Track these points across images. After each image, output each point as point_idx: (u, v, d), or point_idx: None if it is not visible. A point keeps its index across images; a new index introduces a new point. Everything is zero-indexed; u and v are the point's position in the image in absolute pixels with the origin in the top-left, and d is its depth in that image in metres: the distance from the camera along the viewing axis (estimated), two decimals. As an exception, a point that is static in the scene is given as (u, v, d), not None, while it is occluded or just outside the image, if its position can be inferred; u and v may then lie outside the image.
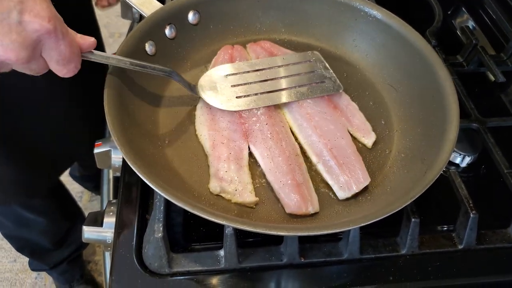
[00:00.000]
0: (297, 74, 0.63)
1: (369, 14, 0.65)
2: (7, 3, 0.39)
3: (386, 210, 0.44)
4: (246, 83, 0.61)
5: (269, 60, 0.64)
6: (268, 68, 0.62)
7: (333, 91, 0.61)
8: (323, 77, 0.62)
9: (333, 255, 0.51)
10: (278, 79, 0.62)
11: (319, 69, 0.63)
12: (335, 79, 0.62)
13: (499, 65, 0.74)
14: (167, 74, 0.56)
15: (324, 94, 0.61)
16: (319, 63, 0.64)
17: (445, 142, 0.50)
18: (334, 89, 0.61)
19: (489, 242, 0.54)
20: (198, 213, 0.42)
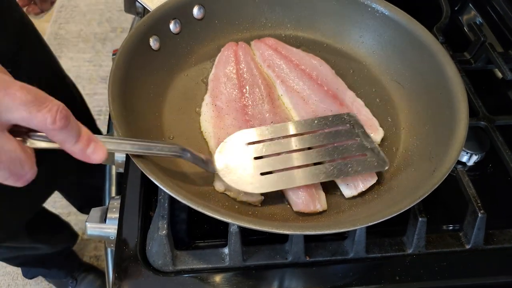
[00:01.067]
0: (332, 143, 0.52)
1: (376, 9, 0.64)
2: None
3: (393, 209, 0.43)
4: (271, 154, 0.51)
5: (298, 123, 0.54)
6: (297, 135, 0.53)
7: (377, 168, 0.51)
8: (364, 148, 0.52)
9: (339, 254, 0.51)
10: (310, 150, 0.52)
11: (357, 136, 0.53)
12: (379, 151, 0.52)
13: (508, 62, 0.73)
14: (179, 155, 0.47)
15: (367, 171, 0.51)
16: (357, 128, 0.54)
17: (454, 141, 0.49)
18: (378, 165, 0.51)
19: (497, 242, 0.53)
20: (203, 211, 0.42)
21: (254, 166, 0.50)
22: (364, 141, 0.53)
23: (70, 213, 1.61)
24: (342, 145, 0.52)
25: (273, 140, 0.52)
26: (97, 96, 2.03)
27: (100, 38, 2.32)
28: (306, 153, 0.52)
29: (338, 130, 0.54)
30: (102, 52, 2.25)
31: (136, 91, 0.56)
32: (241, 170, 0.49)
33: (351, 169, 0.50)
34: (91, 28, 2.36)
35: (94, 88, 2.07)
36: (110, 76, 0.53)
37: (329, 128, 0.54)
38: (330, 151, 0.52)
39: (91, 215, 0.60)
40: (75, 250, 1.41)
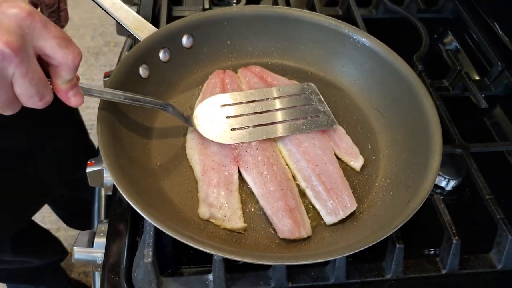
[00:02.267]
0: (292, 106, 0.63)
1: (358, 40, 0.67)
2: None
3: (370, 239, 0.45)
4: (241, 114, 0.61)
5: (264, 91, 0.64)
6: (263, 100, 0.63)
7: (326, 127, 0.62)
8: (317, 111, 0.63)
9: (320, 280, 0.53)
10: (273, 112, 0.62)
11: (314, 102, 0.64)
12: (330, 114, 0.63)
13: (483, 90, 0.76)
14: (163, 108, 0.57)
15: (318, 129, 0.61)
16: (314, 95, 0.64)
17: (428, 171, 0.51)
18: (328, 124, 0.62)
19: (472, 267, 0.55)
20: (187, 242, 0.43)
21: (226, 123, 0.60)
22: (318, 106, 0.63)
23: (59, 228, 1.60)
24: (300, 108, 0.63)
25: (243, 103, 0.62)
26: (89, 110, 2.03)
27: (93, 52, 2.34)
28: (269, 114, 0.62)
29: (297, 97, 0.64)
30: (95, 66, 2.26)
31: (125, 119, 0.58)
32: (216, 126, 0.59)
33: (305, 127, 0.61)
34: (84, 42, 2.38)
35: (86, 102, 2.04)
36: (99, 105, 0.55)
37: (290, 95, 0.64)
38: (289, 113, 0.62)
39: (78, 239, 0.61)
40: (63, 266, 1.41)
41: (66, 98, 0.45)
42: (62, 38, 0.41)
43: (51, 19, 0.92)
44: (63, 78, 0.43)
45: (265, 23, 0.70)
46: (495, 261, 0.55)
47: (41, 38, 0.39)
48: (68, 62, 0.41)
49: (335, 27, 0.68)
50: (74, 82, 0.45)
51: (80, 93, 0.46)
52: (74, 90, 0.45)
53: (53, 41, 0.40)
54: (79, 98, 0.46)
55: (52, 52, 0.40)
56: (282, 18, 0.70)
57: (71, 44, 0.41)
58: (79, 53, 0.42)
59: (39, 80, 0.41)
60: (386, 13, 0.88)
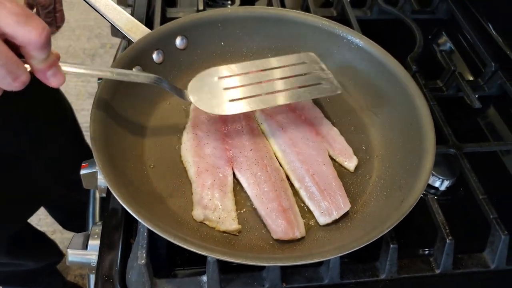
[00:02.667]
0: (292, 75, 0.60)
1: (352, 41, 0.67)
2: None
3: (363, 239, 0.45)
4: (240, 85, 0.58)
5: (263, 62, 0.62)
6: (262, 70, 0.60)
7: (331, 93, 0.60)
8: (320, 78, 0.60)
9: (314, 280, 0.53)
10: (273, 81, 0.59)
11: (315, 70, 0.61)
12: (333, 80, 0.61)
13: (476, 90, 0.76)
14: (155, 82, 0.54)
15: (322, 95, 0.60)
16: (315, 64, 0.62)
17: (422, 171, 0.52)
18: (332, 90, 0.59)
19: (465, 267, 0.55)
20: (180, 244, 0.43)
21: (224, 95, 0.57)
22: (320, 73, 0.61)
23: (55, 231, 1.60)
24: (301, 76, 0.60)
25: (242, 74, 0.59)
26: (84, 112, 2.03)
27: (89, 54, 2.33)
28: (269, 83, 0.59)
29: (298, 65, 0.62)
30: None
31: (118, 120, 0.58)
32: (213, 98, 0.57)
33: (309, 93, 0.59)
34: (80, 44, 2.37)
35: (82, 104, 2.07)
36: (92, 107, 0.55)
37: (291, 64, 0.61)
38: (290, 81, 0.60)
39: (73, 241, 0.61)
40: (59, 269, 1.41)
41: (45, 78, 0.42)
42: (20, 14, 0.36)
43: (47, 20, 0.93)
44: (36, 57, 0.40)
45: (259, 24, 0.70)
46: (488, 260, 0.56)
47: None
48: (32, 39, 0.37)
49: (329, 28, 0.68)
50: (51, 61, 0.41)
51: (61, 72, 0.43)
52: (52, 70, 0.42)
53: (10, 19, 0.36)
54: (59, 78, 0.43)
55: (11, 30, 0.37)
56: (276, 19, 0.70)
57: (32, 19, 0.37)
58: (43, 27, 0.38)
59: (7, 59, 0.37)
60: (380, 14, 0.89)
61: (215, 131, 0.61)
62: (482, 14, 0.86)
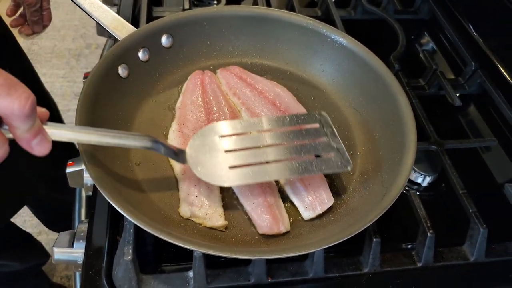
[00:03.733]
0: (301, 141, 0.54)
1: (335, 40, 0.68)
2: None
3: (345, 233, 0.46)
4: (242, 148, 0.53)
5: (271, 119, 0.56)
6: (268, 130, 0.55)
7: (340, 169, 0.53)
8: (330, 148, 0.54)
9: (299, 274, 0.53)
10: (279, 146, 0.54)
11: (326, 136, 0.55)
12: (344, 152, 0.54)
13: (457, 89, 0.78)
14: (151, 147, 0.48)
15: (330, 171, 0.54)
16: (327, 128, 0.56)
17: (403, 167, 0.53)
18: (341, 165, 0.53)
19: (446, 260, 0.56)
20: (165, 238, 0.44)
21: (224, 159, 0.51)
22: (331, 141, 0.55)
23: (40, 232, 1.59)
24: (310, 144, 0.54)
25: (245, 134, 0.54)
26: (70, 112, 2.01)
27: (75, 54, 2.31)
28: (275, 149, 0.53)
29: (308, 129, 0.56)
30: (76, 68, 2.24)
31: (104, 118, 0.58)
32: (210, 163, 0.51)
33: (316, 168, 0.53)
34: (65, 44, 2.35)
35: (68, 105, 2.06)
36: (77, 104, 0.55)
37: (300, 126, 0.56)
38: (298, 149, 0.54)
39: (58, 239, 0.61)
40: (45, 270, 1.39)
41: (29, 148, 0.38)
42: (2, 84, 0.33)
43: (33, 19, 0.92)
44: (20, 128, 0.36)
45: (245, 23, 0.71)
46: (468, 253, 0.57)
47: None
48: (14, 111, 0.34)
49: (313, 27, 0.69)
50: (36, 129, 0.38)
51: (47, 139, 0.39)
52: (38, 138, 0.38)
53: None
54: (44, 146, 0.39)
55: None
56: (261, 18, 0.71)
57: (14, 89, 0.34)
58: (27, 97, 0.34)
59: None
60: (364, 14, 0.90)
61: (201, 128, 0.61)
62: (463, 15, 0.88)
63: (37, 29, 0.93)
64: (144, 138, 0.48)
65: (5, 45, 0.92)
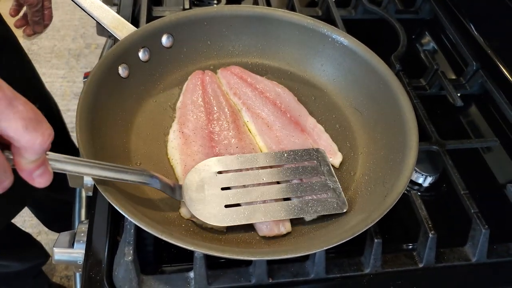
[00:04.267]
0: (298, 180, 0.55)
1: (336, 40, 0.68)
2: None
3: (348, 233, 0.46)
4: (238, 186, 0.53)
5: (268, 156, 0.57)
6: (265, 168, 0.56)
7: (335, 210, 0.53)
8: (327, 187, 0.55)
9: (300, 275, 0.53)
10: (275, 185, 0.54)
11: (323, 174, 0.56)
12: (340, 192, 0.54)
13: (458, 89, 0.78)
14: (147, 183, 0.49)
15: (326, 212, 0.53)
16: (324, 166, 0.57)
17: (405, 167, 0.53)
18: (337, 207, 0.53)
19: (447, 260, 0.56)
20: (166, 239, 0.43)
21: (219, 196, 0.52)
22: (328, 180, 0.56)
23: (40, 232, 1.58)
24: (306, 183, 0.55)
25: (242, 171, 0.55)
26: (70, 112, 2.01)
27: (74, 54, 2.31)
28: (271, 187, 0.54)
29: (305, 166, 0.57)
30: (76, 68, 2.24)
31: (104, 118, 0.58)
32: (206, 201, 0.52)
33: (312, 209, 0.53)
34: (65, 44, 2.35)
35: (68, 105, 2.05)
36: (78, 105, 0.55)
37: (297, 163, 0.57)
38: (294, 188, 0.54)
39: (59, 240, 0.60)
40: (44, 270, 1.39)
41: (30, 179, 0.38)
42: (30, 119, 0.34)
43: (35, 19, 0.92)
44: (27, 159, 0.36)
45: (245, 23, 0.71)
46: (469, 254, 0.57)
47: (3, 119, 0.33)
48: (34, 146, 0.35)
49: (314, 26, 0.69)
50: (41, 161, 0.37)
51: (49, 171, 0.39)
52: (41, 169, 0.38)
53: (19, 123, 0.33)
54: (46, 178, 0.38)
55: (16, 135, 0.34)
56: (261, 18, 0.70)
57: (40, 125, 0.34)
58: (49, 134, 0.35)
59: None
60: (365, 14, 0.90)
61: (201, 128, 0.61)
62: (464, 15, 0.88)
63: (38, 29, 0.93)
64: (142, 174, 0.48)
65: (8, 46, 0.92)
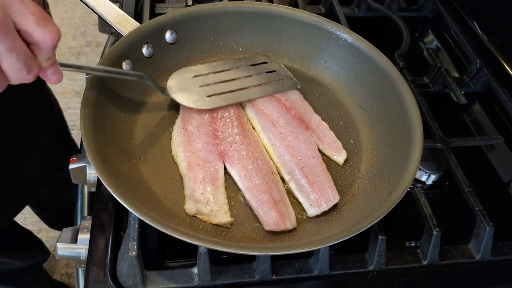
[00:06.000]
0: (258, 73, 0.67)
1: (340, 37, 0.68)
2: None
3: (352, 229, 0.46)
4: (214, 82, 0.64)
5: (230, 62, 0.68)
6: (231, 69, 0.67)
7: (292, 88, 0.67)
8: (281, 75, 0.68)
9: (304, 272, 0.53)
10: (242, 78, 0.66)
11: (276, 69, 0.68)
12: (292, 77, 0.68)
13: (462, 86, 0.78)
14: (139, 78, 0.58)
15: (284, 90, 0.66)
16: (275, 63, 0.69)
17: (410, 164, 0.53)
18: (292, 85, 0.67)
19: (451, 258, 0.56)
20: (171, 234, 0.43)
21: (201, 91, 0.63)
22: (281, 71, 0.68)
23: (40, 229, 1.58)
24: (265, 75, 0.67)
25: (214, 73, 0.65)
26: (70, 110, 2.01)
27: (75, 52, 2.31)
28: (239, 80, 0.66)
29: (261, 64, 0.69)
30: (76, 66, 2.23)
31: (108, 113, 0.58)
32: (191, 95, 0.62)
33: (274, 88, 0.66)
34: (65, 42, 2.35)
35: (68, 102, 2.05)
36: (82, 100, 0.54)
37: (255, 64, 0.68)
38: (256, 79, 0.67)
39: (62, 235, 0.60)
40: (45, 267, 1.39)
41: (45, 76, 0.45)
42: (40, 15, 0.40)
43: None
44: (43, 56, 0.42)
45: (249, 19, 0.70)
46: (473, 251, 0.57)
47: (19, 13, 0.38)
48: (46, 40, 0.41)
49: (318, 23, 0.69)
50: (53, 60, 0.44)
51: (59, 70, 0.45)
52: (53, 68, 0.44)
53: (31, 18, 0.39)
54: (58, 76, 0.45)
55: (31, 28, 0.39)
56: (265, 14, 0.70)
57: (49, 22, 0.40)
58: (57, 31, 0.41)
59: (25, 53, 0.40)
60: (368, 11, 0.90)
61: (205, 125, 0.61)
62: (468, 12, 0.88)
63: None
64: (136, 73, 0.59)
65: None
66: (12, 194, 0.94)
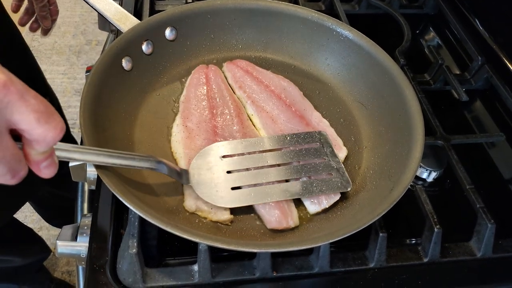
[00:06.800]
0: (302, 162, 0.56)
1: (341, 34, 0.68)
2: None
3: (353, 226, 0.46)
4: (243, 169, 0.54)
5: (271, 139, 0.58)
6: (269, 151, 0.56)
7: (340, 189, 0.54)
8: (330, 168, 0.55)
9: (304, 269, 0.53)
10: (280, 167, 0.55)
11: (326, 155, 0.56)
12: (344, 172, 0.55)
13: (463, 84, 0.77)
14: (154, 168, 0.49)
15: (331, 192, 0.54)
16: (327, 147, 0.57)
17: (411, 161, 0.52)
18: (341, 186, 0.54)
19: (452, 255, 0.56)
20: (171, 231, 0.43)
21: (225, 180, 0.53)
22: (331, 161, 0.56)
23: (41, 227, 1.58)
24: (310, 164, 0.56)
25: (246, 154, 0.55)
26: (71, 109, 2.01)
27: (75, 50, 2.31)
28: (276, 169, 0.55)
29: (308, 148, 0.57)
30: (76, 65, 2.24)
31: (108, 111, 0.58)
32: (213, 184, 0.52)
33: (316, 188, 0.54)
34: (65, 41, 2.34)
35: (68, 101, 2.05)
36: (81, 97, 0.54)
37: (300, 146, 0.57)
38: (298, 169, 0.55)
39: (62, 233, 0.60)
40: (46, 265, 1.39)
41: (37, 170, 0.38)
42: (42, 112, 0.34)
43: (42, 13, 0.92)
44: (37, 150, 0.37)
45: (249, 16, 0.70)
46: (475, 249, 0.56)
47: (16, 112, 0.33)
48: (47, 138, 0.35)
49: (318, 20, 0.68)
50: (49, 153, 0.38)
51: (55, 162, 0.39)
52: (47, 161, 0.38)
53: (31, 116, 0.33)
54: (52, 169, 0.39)
55: (28, 128, 0.34)
56: (265, 11, 0.70)
57: (52, 118, 0.35)
58: (62, 128, 0.35)
59: (12, 157, 0.35)
60: (368, 8, 0.89)
61: (205, 122, 0.61)
62: (469, 9, 0.88)
63: (46, 24, 0.93)
64: (148, 160, 0.49)
65: (12, 42, 0.92)
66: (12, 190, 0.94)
